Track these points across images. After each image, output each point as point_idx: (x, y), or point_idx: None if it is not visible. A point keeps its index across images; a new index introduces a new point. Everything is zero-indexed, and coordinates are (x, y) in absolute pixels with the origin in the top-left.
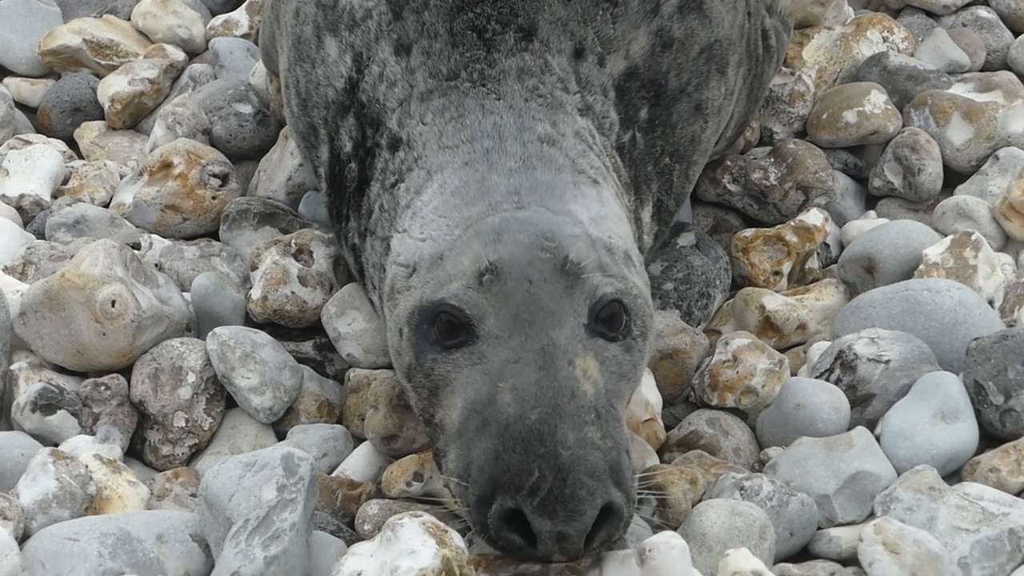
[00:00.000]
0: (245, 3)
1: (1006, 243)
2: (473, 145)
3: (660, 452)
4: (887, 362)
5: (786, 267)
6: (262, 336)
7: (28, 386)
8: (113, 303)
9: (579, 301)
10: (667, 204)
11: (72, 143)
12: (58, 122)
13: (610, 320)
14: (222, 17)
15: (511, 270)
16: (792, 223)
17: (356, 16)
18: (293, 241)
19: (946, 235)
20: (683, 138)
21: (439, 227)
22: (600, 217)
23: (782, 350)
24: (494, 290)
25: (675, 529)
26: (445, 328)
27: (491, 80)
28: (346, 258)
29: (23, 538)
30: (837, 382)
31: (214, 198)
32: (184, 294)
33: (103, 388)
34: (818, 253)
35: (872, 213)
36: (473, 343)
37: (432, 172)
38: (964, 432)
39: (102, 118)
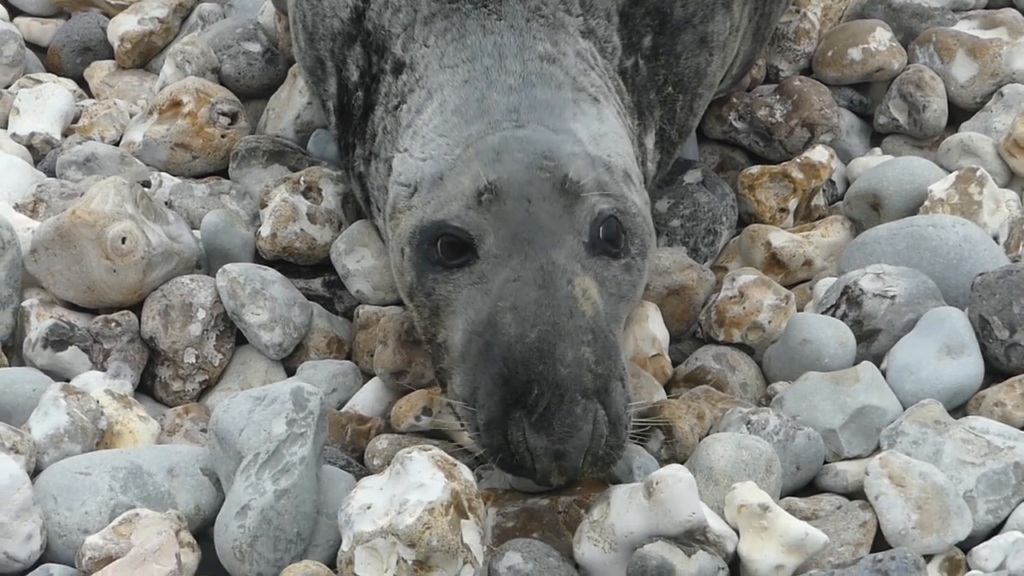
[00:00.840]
0: None
1: (1011, 179)
2: (473, 64)
3: (667, 387)
4: (893, 297)
5: (792, 204)
6: (271, 273)
7: (39, 322)
8: (123, 240)
9: (579, 219)
10: (670, 134)
11: (82, 82)
12: (68, 61)
13: (609, 238)
14: None
15: (510, 189)
16: (798, 160)
17: None
18: (302, 179)
19: (951, 171)
20: (687, 69)
21: (439, 146)
22: (600, 135)
23: (788, 286)
24: (493, 210)
25: (682, 463)
26: (447, 248)
27: (493, 1)
28: (353, 190)
29: (35, 472)
30: (843, 317)
31: (223, 136)
32: (194, 231)
33: (114, 324)
34: (824, 190)
35: (877, 150)
36: (474, 263)
37: (432, 91)
38: (969, 366)
39: (112, 57)
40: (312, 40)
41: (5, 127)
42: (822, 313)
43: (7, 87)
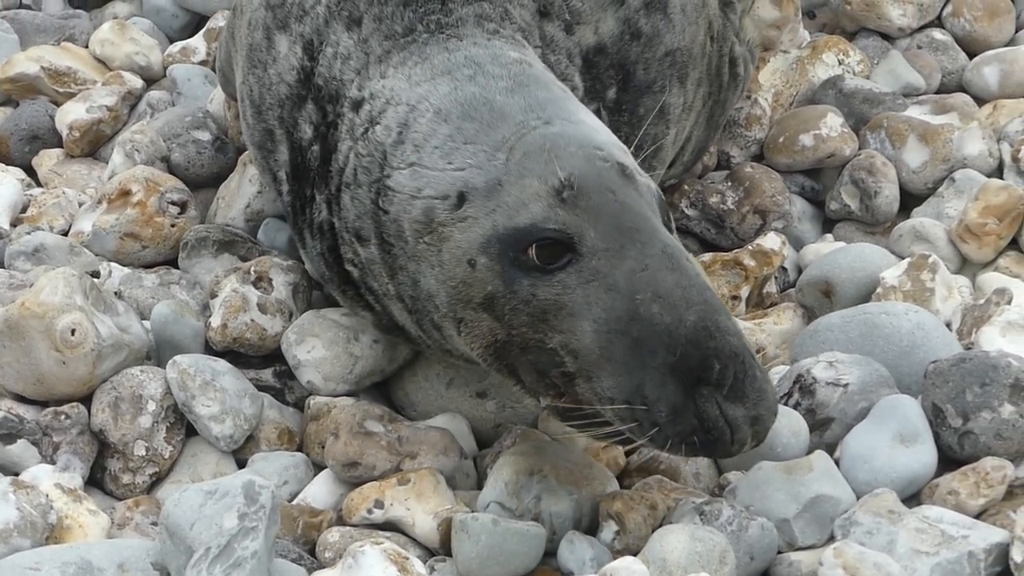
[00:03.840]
0: (203, 30)
1: (963, 265)
2: (452, 75)
3: (620, 478)
4: (846, 386)
5: (744, 291)
6: (222, 364)
7: None
8: (73, 331)
9: (649, 201)
10: None
11: (31, 171)
12: (16, 150)
13: (666, 214)
14: (180, 44)
15: (588, 183)
16: (750, 247)
17: (305, 6)
18: (252, 268)
19: (903, 258)
20: (647, 136)
21: (472, 153)
22: (601, 126)
23: None
24: (582, 204)
25: (635, 554)
26: (546, 252)
27: (449, 27)
28: (309, 252)
29: None
30: (796, 406)
31: (173, 226)
32: (144, 322)
33: (63, 417)
34: (776, 277)
35: (829, 236)
36: (578, 261)
37: (415, 105)
38: (923, 455)
39: (60, 146)
40: (260, 113)
41: None
42: None
43: None
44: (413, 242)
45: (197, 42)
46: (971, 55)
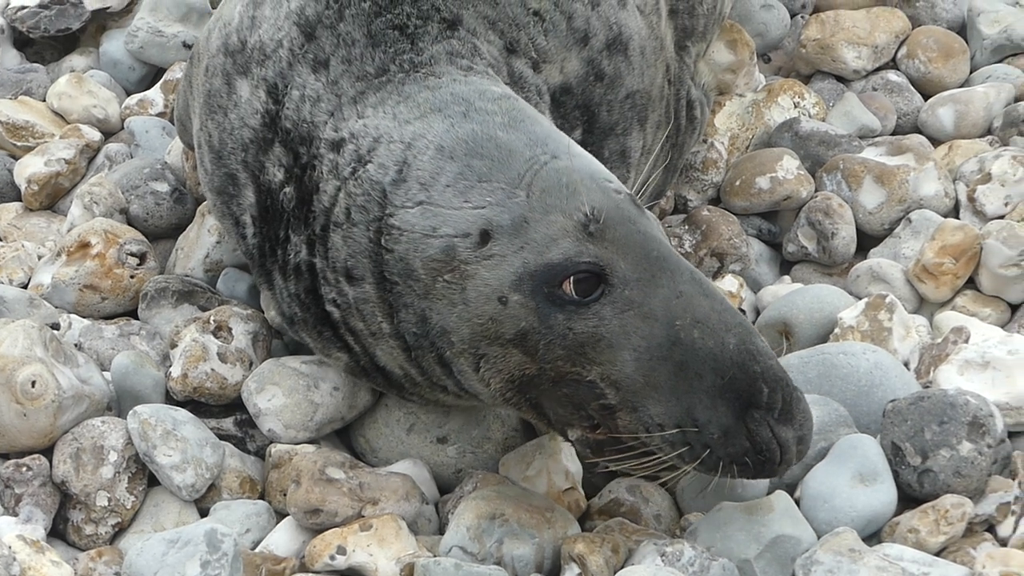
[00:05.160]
0: (160, 82)
1: (920, 305)
2: (444, 112)
3: (582, 521)
4: None
5: None
6: (183, 414)
7: None
8: (33, 383)
9: (660, 230)
10: None
11: None
12: None
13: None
14: (137, 96)
15: (611, 215)
16: None
17: (267, 50)
18: (212, 318)
19: (860, 298)
20: None
21: (491, 191)
22: (594, 159)
23: None
24: (608, 236)
25: None
26: (581, 285)
27: (423, 66)
28: (279, 294)
29: None
30: None
31: (132, 277)
32: (104, 373)
33: (25, 469)
34: None
35: (787, 278)
36: (611, 292)
37: (411, 142)
38: (883, 494)
39: (19, 199)
40: (220, 158)
41: None
42: None
43: None
44: (429, 280)
45: (154, 94)
46: (926, 96)
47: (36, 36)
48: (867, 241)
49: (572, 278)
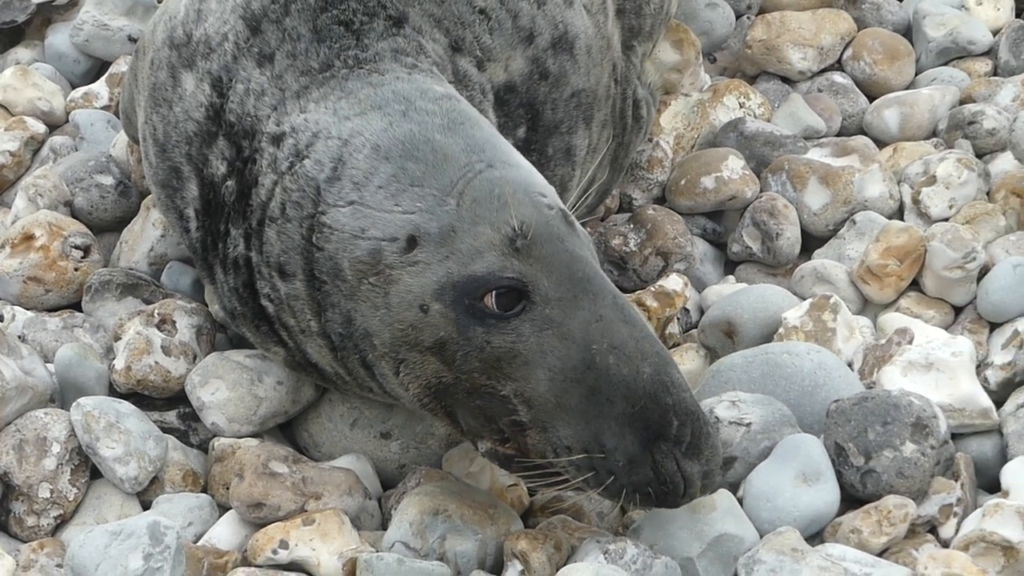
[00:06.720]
0: (105, 75)
1: (864, 306)
2: (384, 110)
3: (524, 517)
4: (748, 425)
5: None
6: (126, 406)
7: None
8: None
9: (590, 248)
10: None
11: None
12: None
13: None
14: (82, 89)
15: (539, 231)
16: (652, 288)
17: (212, 44)
18: (156, 311)
19: (805, 299)
20: (554, 178)
21: (422, 196)
22: (532, 167)
23: None
24: (535, 253)
25: None
26: (503, 299)
27: (367, 63)
28: (220, 287)
29: None
30: None
31: (76, 269)
32: (48, 365)
33: None
34: (678, 318)
35: (731, 278)
36: (532, 309)
37: (348, 139)
38: (825, 493)
39: None
40: (164, 151)
41: None
42: None
43: None
44: (355, 281)
45: (100, 87)
46: (871, 98)
47: None
48: (812, 242)
49: (494, 292)
